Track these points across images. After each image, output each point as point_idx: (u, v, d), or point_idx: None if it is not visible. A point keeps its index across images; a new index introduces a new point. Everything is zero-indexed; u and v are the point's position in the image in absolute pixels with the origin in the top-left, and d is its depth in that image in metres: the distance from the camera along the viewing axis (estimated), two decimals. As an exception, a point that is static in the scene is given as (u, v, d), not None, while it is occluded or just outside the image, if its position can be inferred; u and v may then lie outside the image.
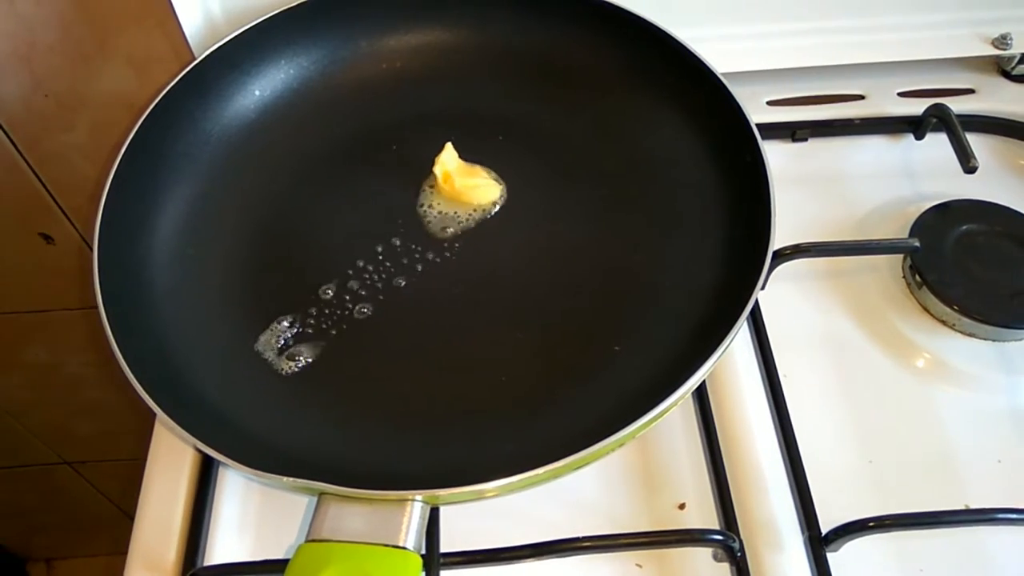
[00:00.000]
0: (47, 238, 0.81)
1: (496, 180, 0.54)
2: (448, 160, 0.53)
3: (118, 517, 1.33)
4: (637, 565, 0.45)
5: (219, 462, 0.47)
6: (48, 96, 0.68)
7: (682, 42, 0.53)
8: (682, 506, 0.47)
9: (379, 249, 0.52)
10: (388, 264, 0.51)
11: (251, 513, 0.47)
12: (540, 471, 0.37)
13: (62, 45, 0.64)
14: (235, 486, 0.47)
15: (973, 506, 0.46)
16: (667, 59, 0.54)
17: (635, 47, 0.55)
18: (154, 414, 0.49)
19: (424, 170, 0.55)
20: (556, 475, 0.38)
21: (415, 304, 0.49)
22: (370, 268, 0.51)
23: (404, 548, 0.36)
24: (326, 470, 0.38)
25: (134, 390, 0.40)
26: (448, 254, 0.51)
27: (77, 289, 0.87)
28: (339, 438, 0.44)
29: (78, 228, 0.80)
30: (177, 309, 0.48)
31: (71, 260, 0.83)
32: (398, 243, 0.52)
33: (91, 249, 0.82)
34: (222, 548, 0.45)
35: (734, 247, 0.48)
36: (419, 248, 0.52)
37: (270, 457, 0.39)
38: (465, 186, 0.53)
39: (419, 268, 0.51)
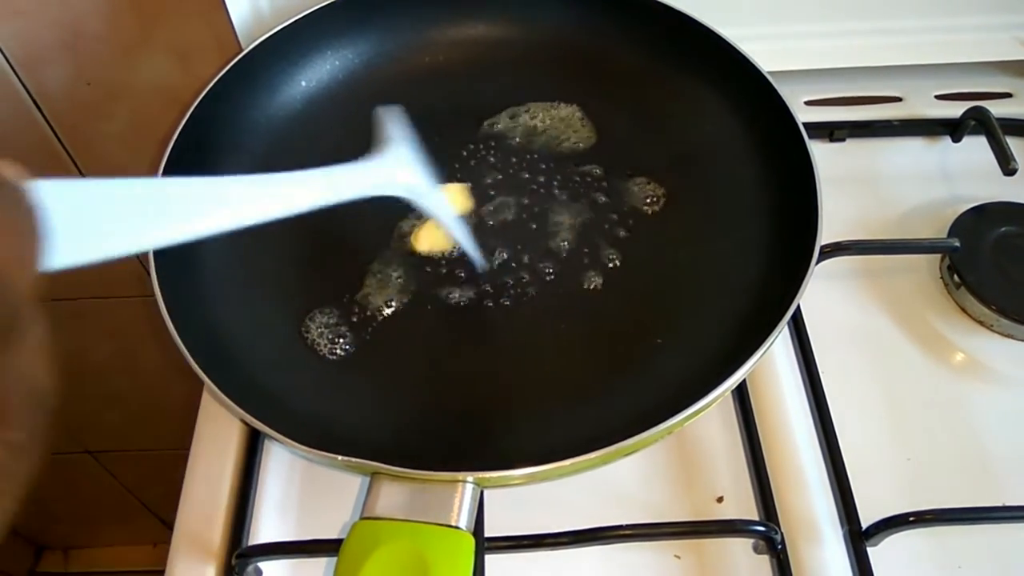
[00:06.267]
0: (82, 226, 0.82)
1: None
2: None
3: (136, 508, 1.33)
4: (676, 556, 0.45)
5: (263, 445, 0.48)
6: (90, 84, 0.69)
7: (727, 39, 0.53)
8: (720, 499, 0.47)
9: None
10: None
11: (293, 495, 0.47)
12: (592, 456, 0.37)
13: (107, 34, 0.64)
14: (278, 468, 0.48)
15: (1010, 504, 0.46)
16: (711, 56, 0.54)
17: (678, 43, 0.56)
18: (189, 401, 0.50)
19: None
20: (605, 461, 0.39)
21: (459, 293, 0.50)
22: (414, 257, 0.51)
23: (457, 528, 0.36)
24: (376, 450, 0.38)
25: (195, 373, 0.40)
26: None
27: (107, 279, 0.88)
28: (385, 421, 0.45)
29: (113, 217, 0.81)
30: (228, 295, 0.48)
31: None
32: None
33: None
34: (266, 528, 0.46)
35: (778, 244, 0.48)
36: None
37: (320, 437, 0.40)
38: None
39: (464, 258, 0.51)
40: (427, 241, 0.50)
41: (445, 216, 0.47)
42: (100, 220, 0.29)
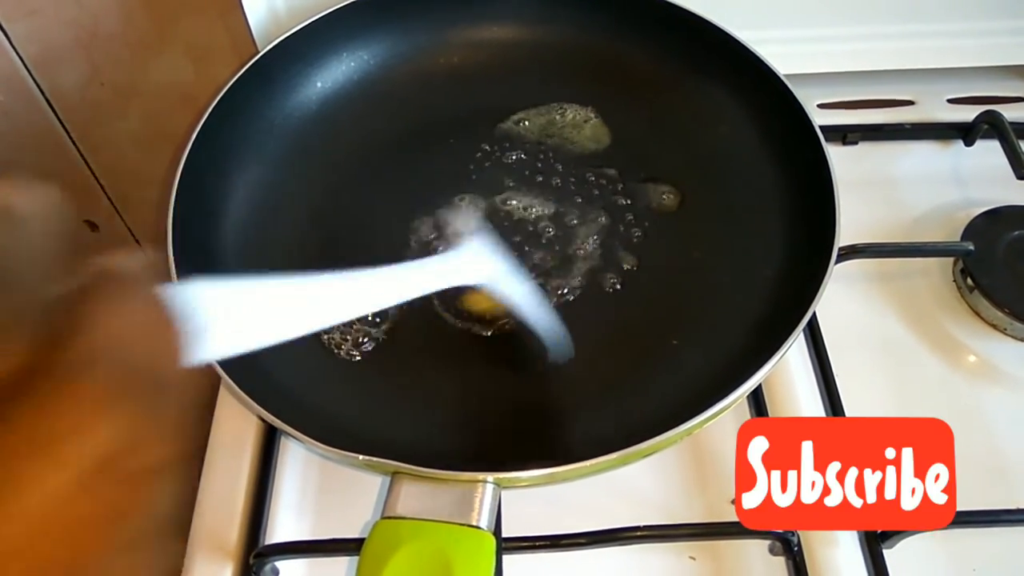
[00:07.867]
0: (92, 226, 0.82)
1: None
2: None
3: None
4: (691, 558, 0.45)
5: (279, 444, 0.48)
6: (104, 84, 0.69)
7: (743, 42, 0.54)
8: (734, 501, 0.47)
9: (436, 237, 0.52)
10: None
11: (309, 494, 0.48)
12: (611, 457, 0.38)
13: (123, 34, 0.65)
14: (294, 469, 0.48)
15: (1025, 508, 0.46)
16: (727, 59, 0.54)
17: (694, 46, 0.56)
18: (200, 401, 0.50)
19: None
20: (623, 462, 0.39)
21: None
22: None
23: (479, 528, 0.36)
24: (396, 450, 0.39)
25: (213, 370, 0.41)
26: (505, 245, 0.52)
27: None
28: (404, 420, 0.45)
29: (123, 216, 0.81)
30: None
31: (114, 248, 0.84)
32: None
33: (135, 238, 0.83)
34: (282, 528, 0.46)
35: (794, 247, 0.49)
36: (476, 239, 0.52)
37: (341, 436, 0.40)
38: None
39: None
40: (482, 305, 0.48)
41: (523, 304, 0.46)
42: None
